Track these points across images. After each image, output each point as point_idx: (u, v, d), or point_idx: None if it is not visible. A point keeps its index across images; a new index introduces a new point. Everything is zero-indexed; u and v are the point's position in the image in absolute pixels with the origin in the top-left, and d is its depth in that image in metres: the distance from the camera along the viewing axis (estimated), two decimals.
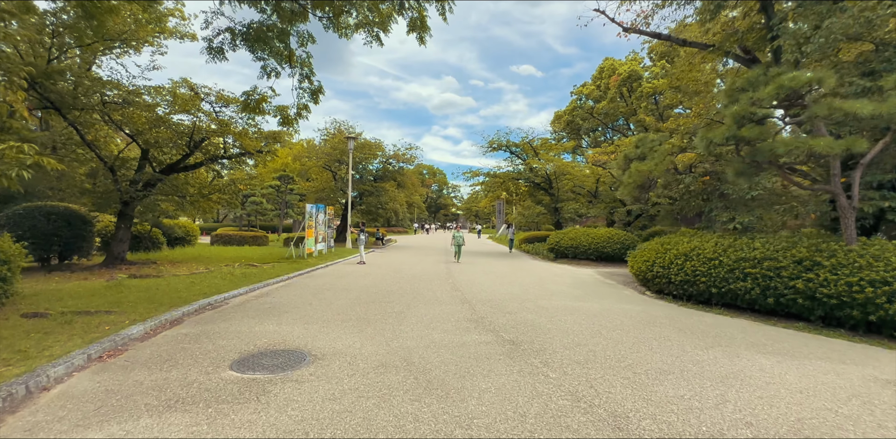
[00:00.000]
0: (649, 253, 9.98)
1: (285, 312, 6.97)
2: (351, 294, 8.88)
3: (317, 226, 16.55)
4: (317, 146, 25.97)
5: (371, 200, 26.45)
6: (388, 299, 8.32)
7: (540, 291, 9.79)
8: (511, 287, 10.35)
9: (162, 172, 13.06)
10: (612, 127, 30.35)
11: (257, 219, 37.03)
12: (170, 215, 15.00)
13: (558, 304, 8.18)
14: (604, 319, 6.92)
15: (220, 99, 13.31)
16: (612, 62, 29.33)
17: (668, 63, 25.44)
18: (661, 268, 9.32)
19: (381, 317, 6.73)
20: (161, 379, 3.95)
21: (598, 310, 7.75)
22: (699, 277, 8.33)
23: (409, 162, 27.66)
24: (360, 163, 26.56)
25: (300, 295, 8.70)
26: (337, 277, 11.57)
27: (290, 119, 10.09)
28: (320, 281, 10.84)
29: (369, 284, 10.31)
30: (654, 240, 10.80)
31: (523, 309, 7.63)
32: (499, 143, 21.97)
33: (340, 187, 26.05)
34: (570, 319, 6.84)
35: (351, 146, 22.15)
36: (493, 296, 8.88)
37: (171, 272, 11.01)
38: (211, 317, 6.62)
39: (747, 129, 6.73)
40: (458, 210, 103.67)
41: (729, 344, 5.54)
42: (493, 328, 6.11)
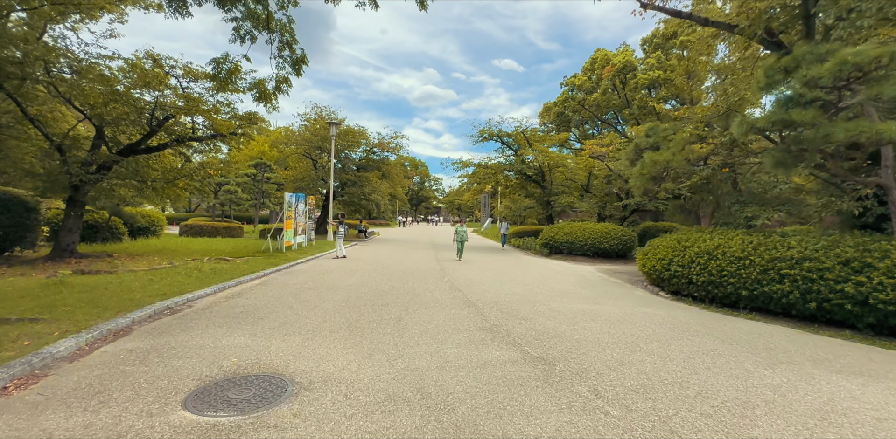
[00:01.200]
0: (664, 250, 9.19)
1: (261, 318, 5.83)
2: (337, 294, 7.77)
3: (296, 216, 15.25)
4: (296, 132, 24.34)
5: (353, 191, 25.11)
6: (382, 301, 7.25)
7: (547, 291, 8.89)
8: (514, 286, 9.42)
9: (120, 154, 11.54)
10: (602, 120, 29.69)
11: (231, 210, 35.08)
12: (129, 202, 13.44)
13: (573, 308, 7.28)
14: (631, 326, 6.05)
15: (188, 73, 11.84)
16: (605, 53, 28.55)
17: (663, 55, 24.87)
18: (679, 268, 8.53)
19: (377, 324, 5.67)
20: (81, 427, 2.81)
21: (620, 314, 6.89)
22: (726, 278, 7.56)
23: (394, 151, 26.37)
24: (343, 151, 25.14)
25: (278, 295, 7.54)
26: (320, 274, 10.41)
27: (267, 94, 8.80)
28: (301, 278, 9.66)
29: (357, 283, 9.21)
30: (667, 236, 10.04)
31: (537, 314, 6.69)
32: (490, 133, 20.95)
33: (321, 176, 24.61)
34: (595, 327, 5.93)
35: (333, 132, 20.75)
36: (498, 298, 7.92)
37: (129, 267, 9.63)
38: (168, 325, 5.42)
39: (798, 112, 5.90)
40: (440, 203, 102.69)
41: (790, 361, 4.72)
42: (514, 340, 5.13)
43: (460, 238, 14.61)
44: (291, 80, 8.94)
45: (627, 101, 26.81)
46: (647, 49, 27.11)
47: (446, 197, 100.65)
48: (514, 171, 20.48)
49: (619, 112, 28.47)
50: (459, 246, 14.68)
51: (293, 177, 26.46)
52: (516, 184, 22.64)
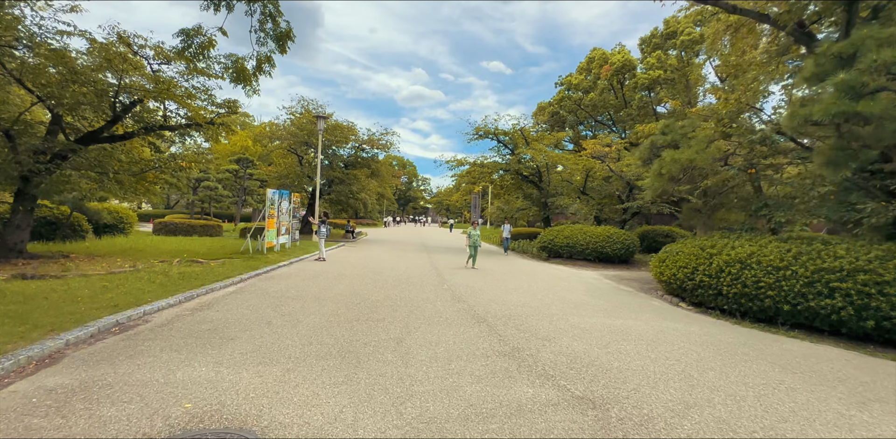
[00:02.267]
0: (686, 258, 8.39)
1: (231, 339, 4.77)
2: (325, 306, 6.73)
3: (279, 215, 14.10)
4: (281, 126, 23.03)
5: (341, 189, 23.92)
6: (377, 314, 6.24)
7: (559, 302, 7.99)
8: (521, 295, 8.51)
9: (80, 142, 10.26)
10: (597, 120, 29.03)
11: (211, 207, 33.48)
12: (86, 196, 12.12)
13: (596, 324, 6.39)
14: (670, 348, 5.18)
15: (160, 55, 10.63)
16: (603, 52, 27.88)
17: (663, 54, 24.29)
18: (706, 277, 7.73)
19: (375, 347, 4.67)
20: None
21: (650, 332, 6.02)
22: (763, 291, 6.77)
23: (384, 149, 25.23)
24: (330, 147, 23.94)
25: (255, 306, 6.46)
26: (304, 280, 9.33)
27: (246, 74, 7.72)
28: (283, 284, 8.58)
29: (347, 290, 8.17)
30: (685, 242, 9.26)
31: (558, 331, 5.78)
32: (486, 131, 20.05)
33: (307, 173, 23.38)
34: (631, 350, 5.04)
35: (321, 127, 19.57)
36: (509, 310, 6.99)
37: (83, 270, 8.41)
38: (112, 348, 4.33)
39: (867, 103, 5.10)
40: (428, 203, 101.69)
41: (879, 398, 3.90)
42: (544, 370, 4.20)
43: (473, 243, 12.72)
44: (276, 60, 7.89)
45: (625, 102, 26.19)
46: (644, 49, 26.55)
47: (434, 197, 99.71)
48: (511, 171, 19.61)
49: (615, 113, 27.86)
50: (473, 251, 12.74)
51: (277, 173, 25.15)
52: (511, 185, 21.80)
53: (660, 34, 25.91)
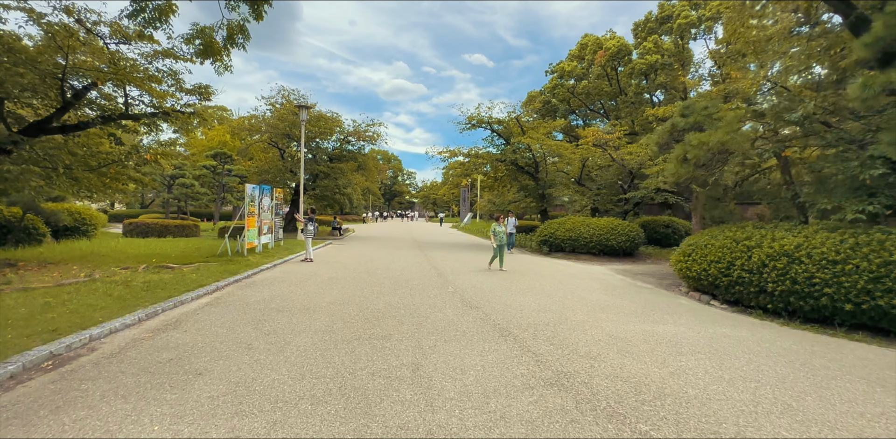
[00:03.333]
0: (718, 251, 7.57)
1: (199, 374, 3.72)
2: (317, 319, 5.68)
3: (261, 212, 12.89)
4: (260, 118, 21.57)
5: (326, 184, 22.64)
6: (381, 330, 5.23)
7: (581, 305, 7.10)
8: (537, 297, 7.59)
9: (24, 133, 8.90)
10: (591, 109, 28.15)
11: (187, 205, 31.74)
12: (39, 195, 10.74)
13: (634, 331, 5.50)
14: (738, 363, 4.31)
15: (118, 33, 9.30)
16: (597, 38, 26.85)
17: (660, 39, 23.45)
18: (745, 273, 6.92)
19: (386, 381, 3.66)
20: None
21: (700, 340, 5.17)
22: (818, 287, 5.97)
23: (371, 140, 23.97)
24: (314, 139, 22.60)
25: (232, 323, 5.39)
26: (291, 285, 8.24)
27: (216, 47, 6.57)
28: (266, 292, 7.48)
29: (341, 298, 7.12)
30: (712, 232, 8.45)
31: (599, 344, 4.87)
32: (479, 120, 19.02)
33: (290, 167, 22.03)
34: (695, 368, 4.16)
35: (303, 117, 18.25)
36: (530, 317, 6.05)
37: (28, 281, 7.17)
38: (35, 396, 3.24)
39: None
40: (414, 198, 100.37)
41: None
42: (610, 406, 3.26)
43: (500, 241, 10.61)
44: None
45: (620, 89, 25.36)
46: (639, 34, 25.69)
47: (420, 191, 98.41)
48: (507, 162, 18.65)
49: (608, 101, 27.02)
50: (499, 252, 10.71)
51: (258, 168, 23.71)
52: (506, 176, 20.86)
53: (654, 18, 25.03)
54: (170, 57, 10.13)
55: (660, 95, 27.94)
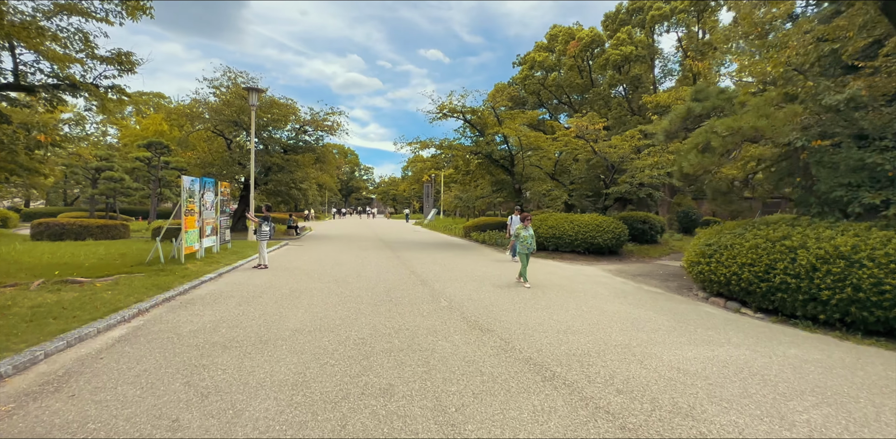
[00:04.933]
0: (750, 253, 6.64)
1: None
2: (280, 361, 4.07)
3: (202, 210, 10.79)
4: (202, 101, 18.90)
5: (281, 177, 20.37)
6: (376, 379, 3.71)
7: (606, 320, 5.91)
8: (550, 311, 6.33)
9: None
10: (561, 101, 27.41)
11: (116, 202, 28.07)
12: None
13: (696, 358, 4.35)
14: (865, 410, 3.22)
15: None
16: (569, 28, 26.03)
17: (633, 30, 23.00)
18: (789, 277, 5.99)
19: None
20: None
21: (785, 371, 4.10)
22: (891, 295, 5.09)
23: (330, 131, 21.84)
24: (267, 128, 20.24)
25: (151, 379, 3.67)
26: (241, 304, 6.47)
27: None
28: (207, 316, 5.70)
29: (311, 322, 5.49)
30: (730, 228, 7.54)
31: (673, 386, 3.64)
32: (451, 109, 17.59)
33: (238, 159, 19.58)
34: (824, 422, 3.01)
35: (253, 102, 16.02)
36: (563, 344, 4.75)
37: None
38: None
39: None
40: (371, 193, 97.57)
41: None
42: None
43: (527, 248, 8.48)
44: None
45: (592, 81, 24.80)
46: (609, 26, 25.21)
47: (378, 187, 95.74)
48: (482, 154, 17.37)
49: (580, 94, 26.41)
50: (524, 260, 8.53)
51: (200, 160, 20.96)
52: (478, 170, 19.60)
53: (626, 10, 24.62)
54: (78, 13, 7.99)
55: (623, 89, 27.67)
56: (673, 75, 25.57)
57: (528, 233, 8.56)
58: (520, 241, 8.60)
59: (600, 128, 14.85)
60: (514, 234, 8.92)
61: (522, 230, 8.67)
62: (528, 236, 8.52)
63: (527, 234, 8.54)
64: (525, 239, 8.52)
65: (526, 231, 8.59)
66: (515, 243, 12.01)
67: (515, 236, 8.87)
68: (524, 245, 8.51)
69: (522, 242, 8.55)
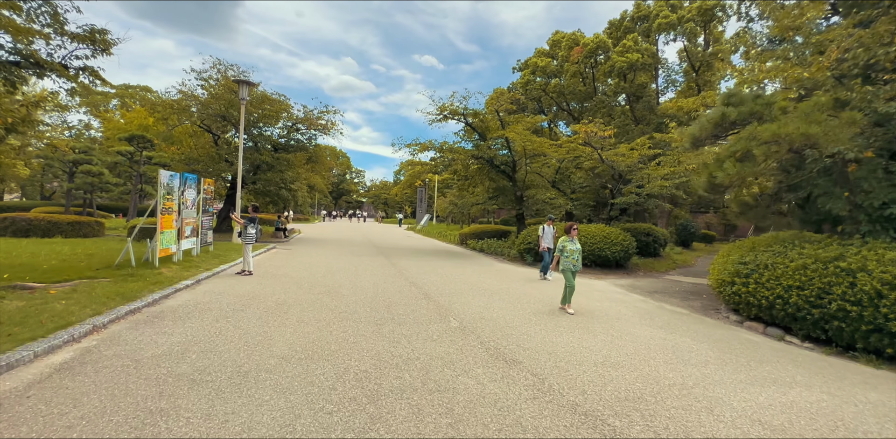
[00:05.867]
0: (797, 273, 5.95)
1: None
2: (263, 405, 3.19)
3: (182, 208, 9.80)
4: (189, 93, 17.85)
5: (270, 177, 19.37)
6: (387, 436, 2.86)
7: (643, 349, 5.14)
8: (578, 336, 5.53)
9: None
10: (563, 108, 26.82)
11: (94, 197, 26.64)
12: None
13: (773, 405, 3.60)
14: None
15: None
16: (573, 34, 25.60)
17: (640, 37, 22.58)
18: (848, 304, 5.29)
19: None
20: None
21: (886, 427, 3.33)
22: None
23: (324, 130, 20.92)
24: (257, 124, 19.27)
25: (92, 428, 2.76)
26: (219, 319, 5.54)
27: None
28: (176, 337, 4.77)
29: (301, 346, 4.60)
30: (766, 245, 6.86)
31: None
32: (453, 111, 16.86)
33: (225, 156, 18.54)
34: None
35: (243, 96, 15.09)
36: (609, 384, 3.95)
37: None
38: None
39: None
40: (362, 197, 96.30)
41: None
42: None
43: (574, 264, 7.14)
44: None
45: (595, 88, 24.33)
46: (613, 34, 24.86)
47: (370, 191, 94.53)
48: (483, 159, 16.63)
49: (582, 102, 25.91)
50: (571, 278, 7.07)
51: (185, 155, 19.88)
52: (477, 176, 18.84)
53: (630, 17, 24.32)
54: None
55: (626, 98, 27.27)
56: (675, 86, 25.31)
57: (576, 246, 7.24)
58: (565, 256, 7.18)
59: (610, 134, 14.22)
60: (559, 248, 7.32)
61: (569, 243, 7.26)
62: (575, 250, 7.19)
63: (574, 248, 7.20)
64: (572, 253, 7.17)
65: (572, 244, 7.25)
66: (545, 255, 10.91)
67: (559, 250, 7.32)
68: (569, 261, 7.15)
69: (569, 258, 7.15)
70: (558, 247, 7.33)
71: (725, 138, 8.10)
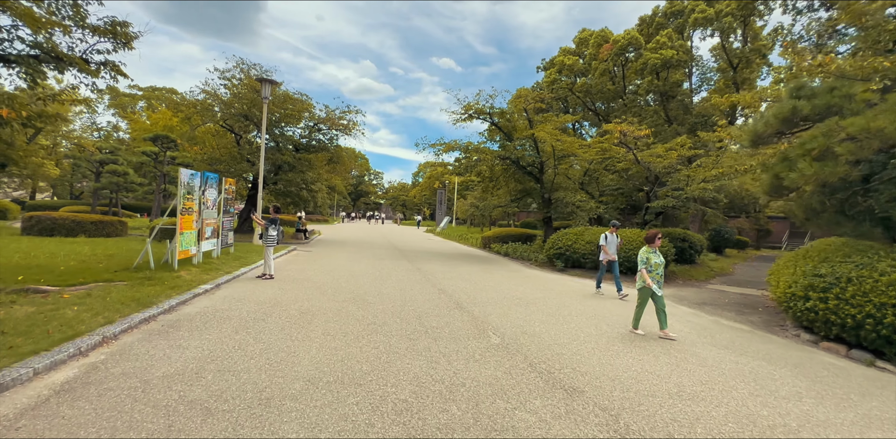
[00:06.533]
0: (890, 290, 5.16)
1: None
2: None
3: (202, 208, 9.47)
4: (212, 92, 17.74)
5: (291, 177, 19.12)
6: None
7: (718, 376, 4.45)
8: (639, 357, 4.87)
9: None
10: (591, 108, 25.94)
11: (118, 197, 26.95)
12: None
13: None
14: None
15: None
16: (601, 31, 24.82)
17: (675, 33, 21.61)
18: None
19: None
20: None
21: None
22: None
23: (346, 130, 20.59)
24: (279, 124, 19.07)
25: None
26: (238, 331, 5.07)
27: None
28: (192, 351, 4.31)
29: (328, 366, 4.08)
30: (841, 253, 6.06)
31: None
32: (478, 110, 16.29)
33: (246, 155, 18.36)
34: None
35: (266, 94, 14.82)
36: (699, 423, 3.29)
37: None
38: None
39: None
40: (380, 198, 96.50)
41: None
42: None
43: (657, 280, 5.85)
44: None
45: (625, 87, 23.40)
46: (644, 30, 23.91)
47: (387, 192, 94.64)
48: (510, 159, 15.99)
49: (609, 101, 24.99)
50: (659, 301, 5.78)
51: (208, 155, 19.79)
52: (501, 177, 18.18)
53: (662, 13, 23.33)
54: None
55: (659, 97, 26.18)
56: (709, 84, 24.14)
57: (660, 259, 5.86)
58: (647, 268, 5.82)
59: (648, 133, 13.42)
60: (641, 260, 5.91)
61: (652, 255, 5.87)
62: (660, 264, 5.84)
63: (659, 262, 5.85)
64: (657, 268, 5.82)
65: (657, 256, 5.87)
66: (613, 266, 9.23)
67: (641, 262, 5.88)
68: (654, 276, 5.79)
69: (652, 272, 5.79)
70: (641, 259, 5.96)
71: (790, 136, 7.30)
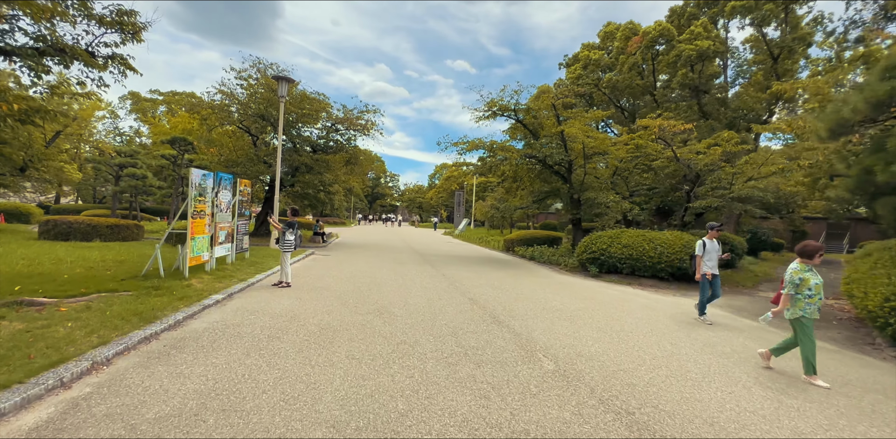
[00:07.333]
0: None
1: None
2: None
3: (216, 211, 8.90)
4: (228, 92, 17.36)
5: (309, 179, 18.62)
6: None
7: (832, 411, 3.56)
8: (734, 392, 4.01)
9: None
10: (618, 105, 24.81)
11: (137, 200, 26.92)
12: None
13: None
14: None
15: None
16: (631, 23, 23.65)
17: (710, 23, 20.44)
18: None
19: None
20: None
21: None
22: None
23: (364, 131, 20.02)
24: (296, 124, 18.59)
25: None
26: (248, 353, 4.39)
27: None
28: (193, 382, 3.63)
29: (354, 406, 3.34)
30: None
31: None
32: (503, 107, 15.50)
33: (263, 157, 17.92)
34: None
35: (282, 93, 14.32)
36: None
37: None
38: None
39: None
40: (396, 201, 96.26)
41: None
42: None
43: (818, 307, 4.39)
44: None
45: (655, 82, 22.27)
46: (674, 21, 22.75)
47: (404, 194, 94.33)
48: (536, 158, 15.14)
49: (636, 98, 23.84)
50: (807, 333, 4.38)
51: (224, 157, 19.44)
52: (526, 177, 17.31)
53: (694, 3, 22.06)
54: None
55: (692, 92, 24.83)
56: (744, 77, 22.80)
57: (818, 280, 4.40)
58: (806, 297, 4.38)
59: (691, 127, 12.43)
60: (792, 282, 4.41)
61: (810, 274, 4.42)
62: (819, 286, 4.38)
63: (818, 282, 4.38)
64: (817, 292, 4.37)
65: (816, 276, 4.42)
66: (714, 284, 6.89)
67: (792, 284, 4.41)
68: (814, 303, 4.38)
69: (812, 298, 4.37)
70: (791, 280, 4.43)
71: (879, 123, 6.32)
